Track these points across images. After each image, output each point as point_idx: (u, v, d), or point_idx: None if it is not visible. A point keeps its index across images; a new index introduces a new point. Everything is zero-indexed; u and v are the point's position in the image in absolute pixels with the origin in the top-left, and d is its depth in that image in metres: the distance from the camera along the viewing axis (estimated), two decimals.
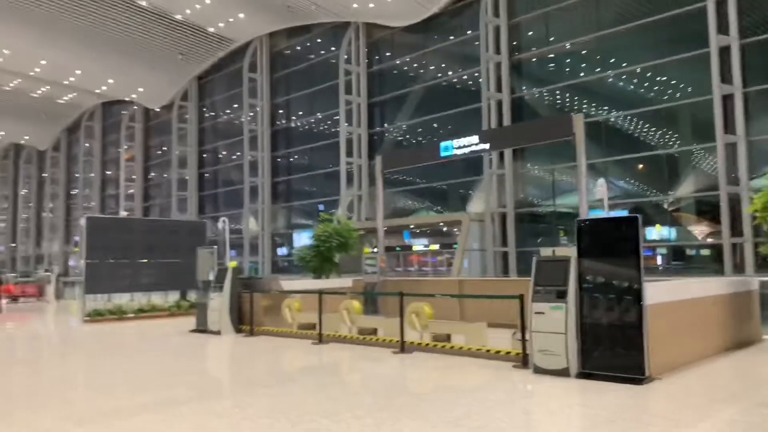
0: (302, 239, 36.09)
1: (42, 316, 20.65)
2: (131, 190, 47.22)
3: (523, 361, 7.79)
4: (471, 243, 25.22)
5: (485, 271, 24.96)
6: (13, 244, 63.17)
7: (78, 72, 40.81)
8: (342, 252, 15.00)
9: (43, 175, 59.05)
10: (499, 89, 25.47)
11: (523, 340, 7.79)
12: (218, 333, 12.41)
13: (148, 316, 17.08)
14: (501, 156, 24.99)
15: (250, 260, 36.52)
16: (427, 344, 9.34)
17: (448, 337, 9.45)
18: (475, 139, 11.92)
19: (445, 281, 15.74)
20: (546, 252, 8.22)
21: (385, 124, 31.46)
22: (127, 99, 45.84)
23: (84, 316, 16.19)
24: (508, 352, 8.23)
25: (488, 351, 8.51)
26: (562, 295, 7.15)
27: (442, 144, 12.30)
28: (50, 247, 56.45)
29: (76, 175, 54.05)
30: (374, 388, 7.09)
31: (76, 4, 32.02)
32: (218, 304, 12.56)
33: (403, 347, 9.27)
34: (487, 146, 12.37)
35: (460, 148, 12.00)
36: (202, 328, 12.95)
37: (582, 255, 7.19)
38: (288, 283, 13.49)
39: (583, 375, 7.01)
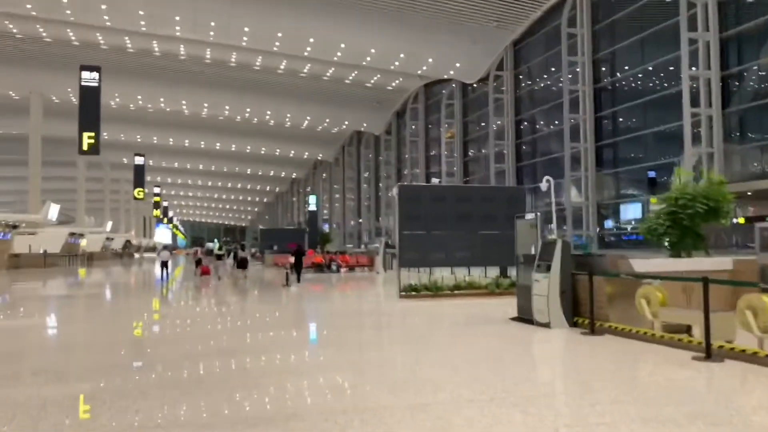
0: (630, 211, 31.52)
1: (365, 288, 21.27)
2: (454, 168, 48.21)
3: None
4: None
5: None
6: (360, 220, 71.52)
7: (401, 56, 42.87)
8: (711, 221, 10.82)
9: (379, 158, 65.05)
10: None
11: None
12: (547, 325, 9.76)
13: (465, 294, 15.67)
14: None
15: (574, 233, 33.37)
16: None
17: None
18: None
19: None
20: None
21: (744, 64, 24.82)
22: (445, 77, 46.71)
23: (400, 292, 15.60)
24: None
25: None
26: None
27: None
28: (386, 221, 62.01)
29: (405, 156, 57.94)
30: None
31: None
32: (544, 287, 9.84)
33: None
34: None
35: None
36: (525, 317, 10.43)
37: None
38: (640, 263, 9.66)
39: None
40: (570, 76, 33.93)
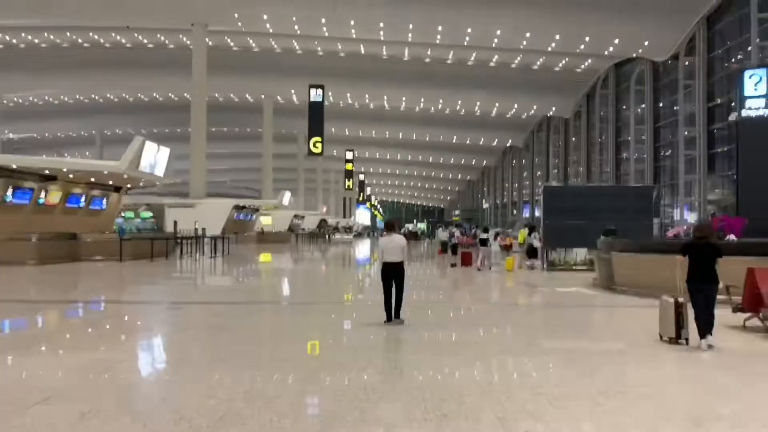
0: None
1: None
2: (643, 155, 47.71)
3: None
4: None
5: None
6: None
7: (586, 39, 43.63)
8: None
9: (571, 140, 65.52)
10: None
11: None
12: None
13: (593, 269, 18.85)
14: None
15: None
16: None
17: None
18: None
19: None
20: None
21: None
22: (634, 55, 46.23)
23: (545, 266, 19.83)
24: None
25: None
26: None
27: None
28: None
29: (595, 141, 57.94)
30: None
31: None
32: None
33: None
34: None
35: None
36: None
37: None
38: None
39: None
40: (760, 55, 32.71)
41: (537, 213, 74.16)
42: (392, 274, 9.38)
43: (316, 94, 50.84)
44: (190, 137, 43.67)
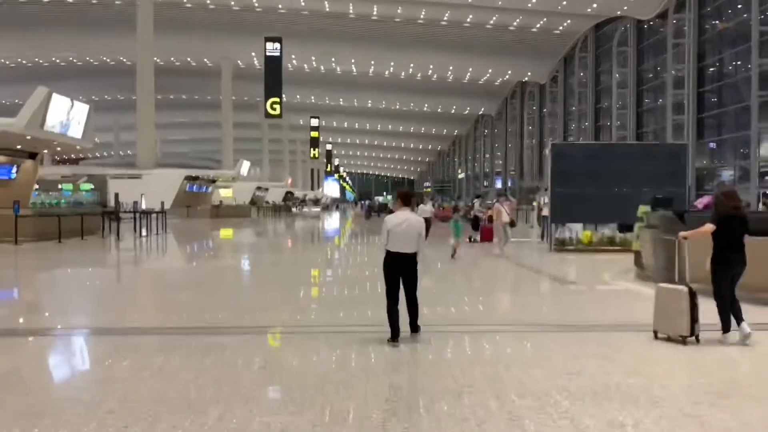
0: None
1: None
2: (626, 121, 45.29)
3: None
4: None
5: None
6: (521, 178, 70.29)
7: None
8: None
9: (544, 110, 62.96)
10: None
11: None
12: None
13: (612, 250, 15.70)
14: None
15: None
16: None
17: None
18: None
19: None
20: None
21: None
22: (618, 14, 43.42)
23: (553, 245, 16.39)
24: None
25: None
26: None
27: None
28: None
29: (572, 108, 55.46)
30: None
31: None
32: None
33: None
34: None
35: None
36: None
37: None
38: None
39: None
40: (761, 17, 30.22)
41: (510, 183, 72.20)
42: (402, 270, 6.40)
43: (273, 48, 45.40)
44: None
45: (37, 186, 36.50)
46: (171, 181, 36.45)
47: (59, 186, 34.04)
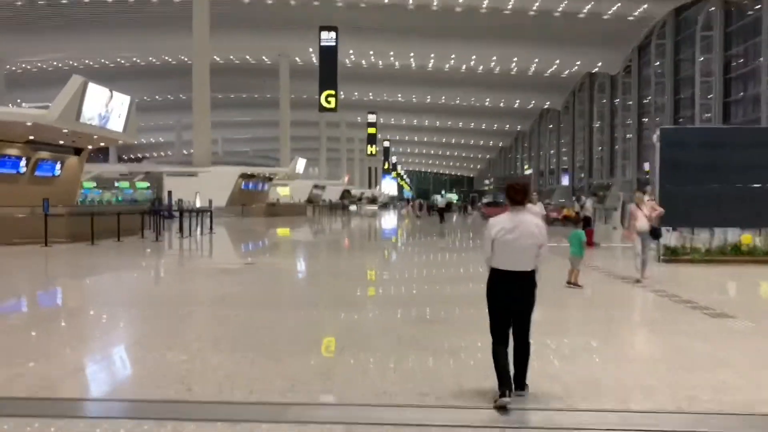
0: None
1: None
2: (707, 114, 41.49)
3: None
4: None
5: None
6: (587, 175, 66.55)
7: None
8: None
9: (615, 101, 59.18)
10: None
11: None
12: None
13: (740, 261, 12.94)
14: None
15: None
16: None
17: None
18: None
19: None
20: None
21: None
22: None
23: (661, 254, 13.24)
24: None
25: None
26: None
27: None
28: (623, 175, 56.53)
29: (646, 100, 51.68)
30: None
31: None
32: None
33: None
34: None
35: None
36: None
37: None
38: None
39: None
40: None
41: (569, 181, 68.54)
42: (516, 295, 4.26)
43: (328, 38, 43.33)
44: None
45: (94, 184, 36.82)
46: (226, 179, 35.53)
47: (116, 184, 33.70)
